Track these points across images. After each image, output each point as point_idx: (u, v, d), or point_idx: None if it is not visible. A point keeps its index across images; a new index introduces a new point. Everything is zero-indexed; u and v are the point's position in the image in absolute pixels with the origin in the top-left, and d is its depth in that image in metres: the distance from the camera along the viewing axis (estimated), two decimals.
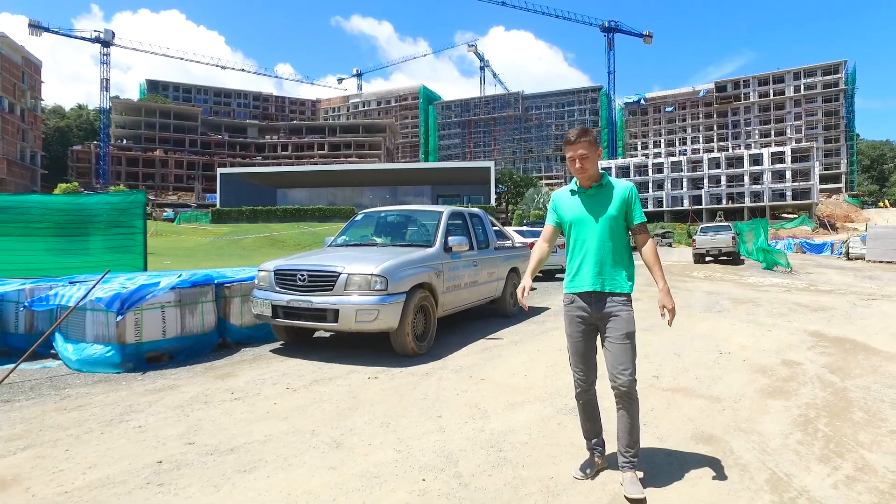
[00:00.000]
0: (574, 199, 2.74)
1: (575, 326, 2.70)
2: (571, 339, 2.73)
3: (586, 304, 2.65)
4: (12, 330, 5.38)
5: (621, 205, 2.65)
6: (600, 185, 2.69)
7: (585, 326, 2.68)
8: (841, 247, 28.11)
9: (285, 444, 3.07)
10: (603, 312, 2.62)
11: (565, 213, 2.75)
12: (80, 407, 3.74)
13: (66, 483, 2.57)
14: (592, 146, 2.64)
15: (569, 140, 2.66)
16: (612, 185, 2.70)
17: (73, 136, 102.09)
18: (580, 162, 2.62)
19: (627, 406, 2.60)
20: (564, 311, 2.76)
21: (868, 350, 5.73)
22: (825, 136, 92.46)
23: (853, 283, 13.63)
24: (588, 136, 2.64)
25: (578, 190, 2.73)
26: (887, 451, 3.03)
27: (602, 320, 2.64)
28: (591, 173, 2.66)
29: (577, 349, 2.72)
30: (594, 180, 2.69)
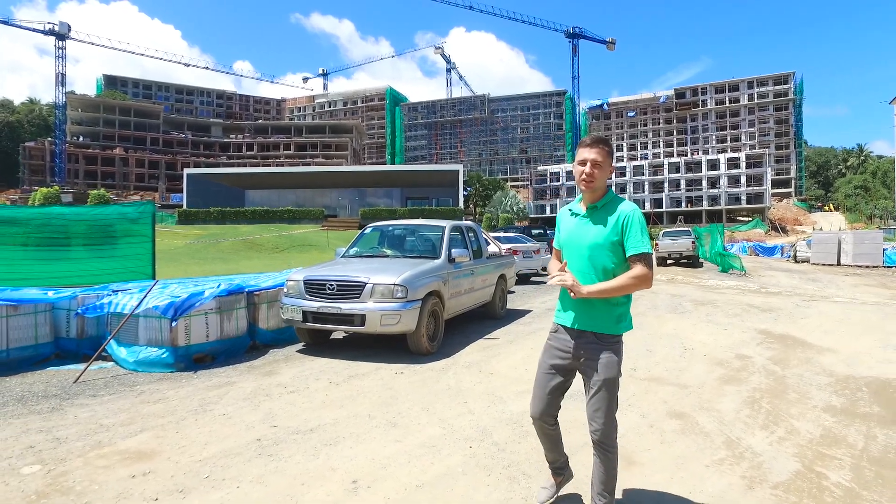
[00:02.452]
0: (571, 221, 2.52)
1: (549, 357, 2.51)
2: (540, 369, 2.54)
3: (568, 338, 2.46)
4: (64, 335, 5.93)
5: (613, 231, 2.35)
6: (595, 207, 2.43)
7: (560, 361, 2.47)
8: (790, 250, 30.23)
9: (352, 425, 3.85)
10: (583, 352, 2.41)
11: (560, 234, 2.56)
12: (161, 400, 4.42)
13: (195, 454, 3.29)
14: (609, 157, 2.39)
15: (584, 143, 2.42)
16: (612, 206, 2.41)
17: (24, 131, 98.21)
18: (591, 167, 2.35)
19: (602, 455, 2.42)
20: (548, 339, 2.58)
21: (805, 345, 6.83)
22: (776, 143, 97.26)
23: (798, 285, 15.09)
24: (607, 146, 2.40)
25: (577, 210, 2.51)
26: (809, 419, 4.03)
27: (581, 361, 2.43)
28: (597, 187, 2.39)
29: (542, 382, 2.52)
30: (595, 200, 2.43)
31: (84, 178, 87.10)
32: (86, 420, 3.92)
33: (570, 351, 2.45)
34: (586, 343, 2.41)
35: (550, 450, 2.70)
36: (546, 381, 2.52)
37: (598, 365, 2.38)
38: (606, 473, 2.42)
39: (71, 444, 3.46)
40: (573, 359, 2.46)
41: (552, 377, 2.50)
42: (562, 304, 2.53)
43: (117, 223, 8.98)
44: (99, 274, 8.14)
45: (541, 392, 2.53)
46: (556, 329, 2.55)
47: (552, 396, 2.51)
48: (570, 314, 2.46)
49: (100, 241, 8.82)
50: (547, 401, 2.51)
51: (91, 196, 51.98)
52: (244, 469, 3.09)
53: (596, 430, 2.40)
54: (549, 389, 2.50)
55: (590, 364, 2.41)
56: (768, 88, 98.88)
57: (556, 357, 2.50)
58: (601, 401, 2.39)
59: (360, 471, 3.09)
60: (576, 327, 2.43)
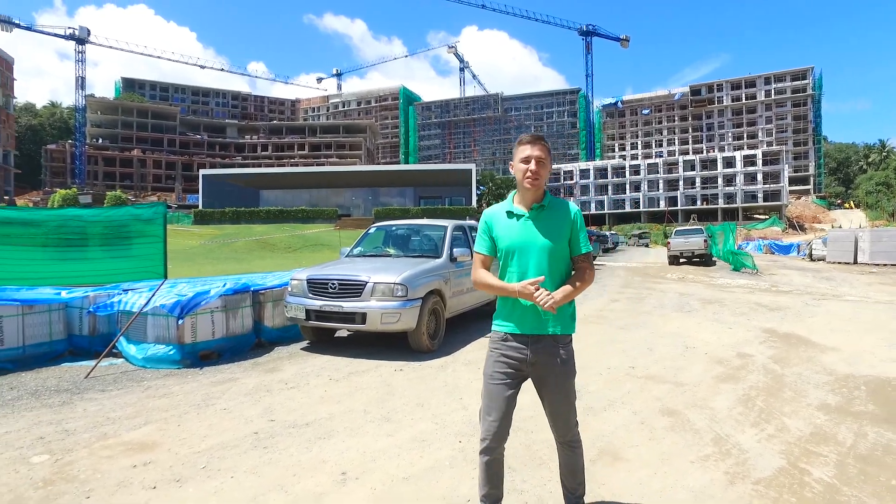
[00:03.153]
0: (512, 223, 2.34)
1: (500, 368, 2.31)
2: (491, 381, 2.32)
3: (521, 345, 2.29)
4: (77, 332, 6.14)
5: (566, 230, 2.32)
6: (541, 206, 2.33)
7: (513, 371, 2.30)
8: (806, 248, 29.84)
9: (347, 420, 3.96)
10: (540, 357, 2.28)
11: (501, 238, 2.35)
12: (167, 395, 4.57)
13: (194, 446, 3.43)
14: (548, 154, 2.34)
15: (524, 140, 2.32)
16: (557, 206, 2.37)
17: (46, 134, 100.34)
18: (536, 164, 2.27)
19: (571, 451, 2.43)
20: (490, 349, 2.38)
21: (808, 344, 6.81)
22: (794, 140, 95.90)
23: (811, 283, 14.92)
24: (546, 143, 2.34)
25: (518, 211, 2.35)
26: (802, 417, 4.05)
27: (538, 366, 2.30)
28: (541, 186, 2.32)
29: (495, 395, 2.30)
30: (538, 199, 2.34)
31: (103, 179, 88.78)
32: (94, 413, 4.08)
33: (524, 358, 2.29)
34: (544, 347, 2.29)
35: (498, 486, 2.37)
36: (501, 396, 2.29)
37: (559, 368, 2.30)
38: (577, 463, 2.46)
39: (78, 435, 3.61)
40: (527, 366, 2.30)
41: (506, 389, 2.30)
42: (507, 311, 2.34)
43: (131, 224, 9.17)
44: (114, 273, 8.34)
45: (498, 411, 2.28)
46: (504, 338, 2.33)
47: (508, 412, 2.30)
48: (522, 320, 2.30)
49: (115, 242, 9.03)
50: (503, 421, 2.28)
51: (108, 197, 53.03)
52: (240, 460, 3.21)
53: (563, 434, 2.38)
54: (506, 405, 2.29)
55: (549, 369, 2.30)
56: (786, 84, 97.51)
57: (508, 366, 2.30)
58: (566, 404, 2.34)
59: (349, 463, 3.19)
60: (532, 333, 2.29)
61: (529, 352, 2.28)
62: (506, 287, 2.28)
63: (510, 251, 2.32)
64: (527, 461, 3.24)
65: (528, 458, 3.28)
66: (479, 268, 2.41)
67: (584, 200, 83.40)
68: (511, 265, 2.32)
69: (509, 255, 2.33)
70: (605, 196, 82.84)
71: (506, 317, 2.35)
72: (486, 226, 2.41)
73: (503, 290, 2.29)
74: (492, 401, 2.30)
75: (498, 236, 2.37)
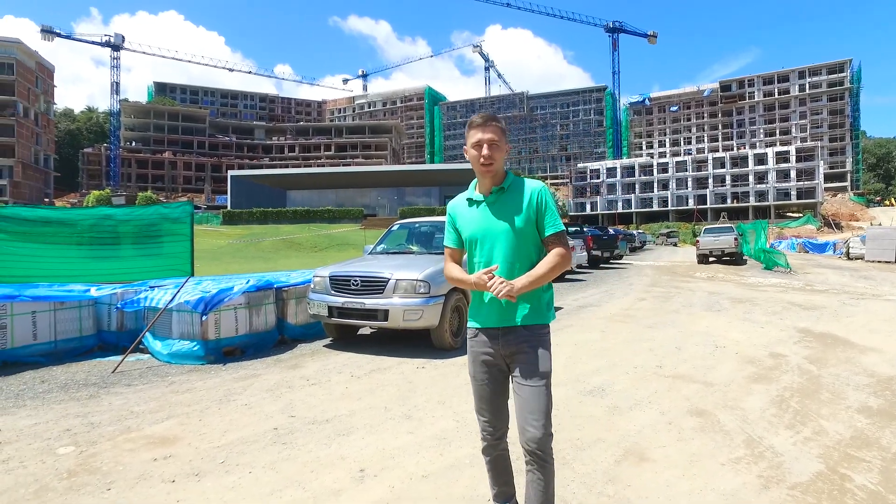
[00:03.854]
0: (472, 211, 2.20)
1: (479, 366, 2.18)
2: (476, 381, 2.21)
3: (491, 338, 2.14)
4: (105, 328, 6.26)
5: (529, 212, 2.12)
6: (501, 188, 2.17)
7: (492, 367, 2.16)
8: (842, 247, 28.83)
9: (367, 417, 3.92)
10: (512, 349, 2.11)
11: (464, 228, 2.22)
12: (189, 390, 4.61)
13: (214, 441, 3.43)
14: (502, 134, 2.17)
15: (474, 123, 2.17)
16: (519, 186, 2.19)
17: (83, 138, 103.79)
18: (488, 148, 2.10)
19: (538, 468, 2.07)
20: (468, 347, 2.24)
21: (846, 344, 6.53)
22: (830, 135, 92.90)
23: (848, 282, 14.38)
24: (498, 122, 2.17)
25: (477, 197, 2.21)
26: (840, 420, 3.86)
27: (510, 358, 2.13)
28: (497, 169, 2.15)
29: (482, 393, 2.20)
30: (497, 182, 2.18)
31: (136, 181, 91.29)
32: (119, 407, 4.13)
33: (495, 352, 2.14)
34: (514, 338, 2.11)
35: (507, 483, 2.33)
36: (487, 394, 2.19)
37: (530, 359, 2.09)
38: (545, 491, 2.08)
39: (103, 428, 3.66)
40: (502, 360, 2.15)
41: (491, 386, 2.18)
42: (476, 305, 2.20)
43: (159, 223, 9.37)
44: (143, 271, 8.52)
45: (489, 411, 2.20)
46: (475, 334, 2.20)
47: (500, 408, 2.20)
48: (491, 313, 2.14)
49: (144, 241, 9.22)
50: (497, 418, 2.20)
51: (139, 198, 54.49)
52: (258, 456, 3.20)
53: (531, 437, 2.04)
54: (496, 402, 2.19)
55: (519, 359, 2.11)
56: (821, 78, 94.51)
57: (484, 363, 2.17)
58: (536, 401, 2.05)
59: (368, 460, 3.15)
60: (502, 325, 2.12)
61: (501, 345, 2.13)
62: (465, 280, 2.14)
63: (472, 241, 2.19)
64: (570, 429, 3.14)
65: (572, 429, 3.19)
66: (448, 262, 2.28)
67: (610, 199, 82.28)
68: (475, 255, 2.18)
69: (472, 244, 2.19)
70: (633, 195, 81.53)
71: (475, 312, 2.22)
72: (450, 217, 2.30)
73: (463, 283, 2.16)
74: (481, 400, 2.23)
75: (461, 226, 2.24)
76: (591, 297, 11.22)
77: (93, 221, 8.82)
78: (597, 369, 5.29)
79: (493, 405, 2.20)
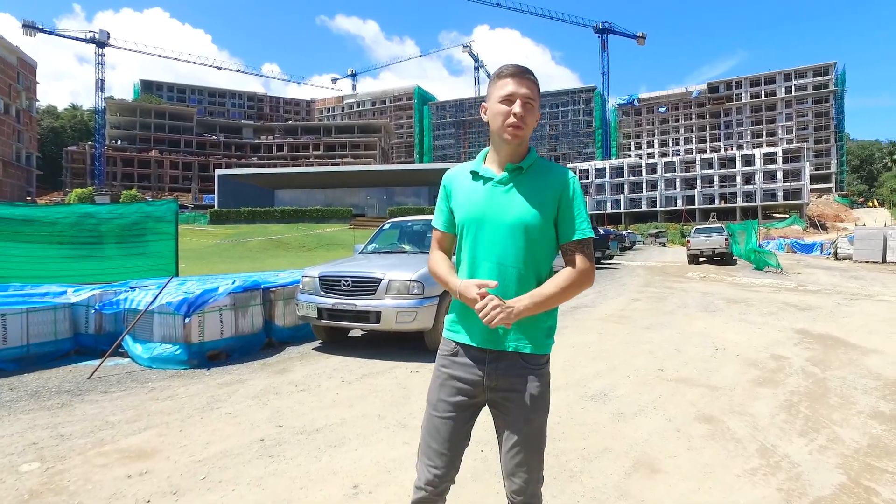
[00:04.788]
0: (475, 187, 1.66)
1: (447, 394, 1.65)
2: (436, 413, 1.65)
3: (476, 362, 1.63)
4: (83, 331, 5.96)
5: (552, 203, 1.62)
6: (519, 167, 1.63)
7: (465, 399, 1.64)
8: (830, 247, 29.01)
9: (360, 426, 3.70)
10: (502, 382, 1.62)
11: (459, 206, 1.67)
12: (171, 397, 4.35)
13: (195, 454, 3.18)
14: (538, 96, 1.65)
15: (505, 72, 1.62)
16: (543, 168, 1.66)
17: (67, 136, 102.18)
18: (522, 107, 1.58)
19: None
20: (437, 365, 1.70)
21: (847, 345, 6.41)
22: (815, 137, 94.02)
23: (839, 283, 14.38)
24: (535, 79, 1.65)
25: (485, 172, 1.66)
26: (854, 426, 3.70)
27: (498, 394, 1.63)
28: (524, 138, 1.62)
29: (440, 430, 1.63)
30: (517, 158, 1.64)
31: (121, 180, 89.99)
32: (92, 417, 3.87)
33: (479, 380, 1.62)
34: (507, 368, 1.62)
35: None
36: (448, 433, 1.63)
37: (524, 398, 1.61)
38: None
39: (74, 441, 3.39)
40: (485, 391, 1.64)
41: (456, 423, 1.64)
42: (460, 313, 1.67)
43: (144, 221, 9.07)
44: (126, 271, 8.23)
45: (441, 456, 1.62)
46: (453, 350, 1.67)
47: (457, 454, 1.66)
48: (478, 327, 1.61)
49: (128, 240, 8.94)
50: (448, 458, 1.63)
51: (123, 196, 53.70)
52: (243, 470, 2.96)
53: (520, 489, 1.63)
54: (455, 445, 1.64)
55: (511, 398, 1.62)
56: (807, 80, 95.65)
57: (459, 392, 1.64)
58: (530, 449, 1.62)
59: (362, 474, 2.93)
60: (491, 347, 1.62)
61: (486, 372, 1.62)
62: (449, 283, 1.63)
63: (466, 227, 1.64)
64: (556, 473, 2.95)
65: (557, 470, 2.99)
66: (435, 248, 1.75)
67: (599, 200, 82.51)
68: (467, 244, 1.65)
69: (465, 232, 1.65)
70: (622, 195, 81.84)
71: (456, 319, 1.67)
72: (445, 191, 1.74)
73: (448, 288, 1.65)
74: (434, 439, 1.64)
75: (456, 204, 1.69)
76: (585, 298, 11.06)
77: (74, 219, 8.51)
78: (597, 373, 5.11)
79: (450, 450, 1.63)
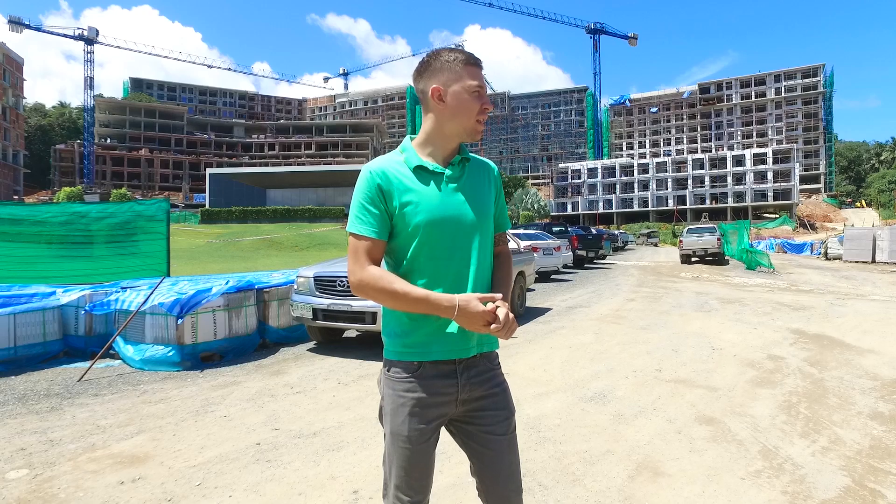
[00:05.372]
0: (426, 186, 1.44)
1: (419, 419, 1.44)
2: (410, 443, 1.44)
3: (447, 377, 1.46)
4: (72, 332, 5.85)
5: (493, 195, 1.57)
6: (465, 158, 1.52)
7: (438, 419, 1.47)
8: (820, 247, 29.27)
9: (358, 429, 3.63)
10: (475, 391, 1.49)
11: (413, 210, 1.41)
12: (163, 400, 4.27)
13: (190, 459, 3.11)
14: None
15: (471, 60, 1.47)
16: (478, 160, 1.59)
17: (55, 134, 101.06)
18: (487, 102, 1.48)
19: None
20: (395, 391, 1.47)
21: (843, 346, 6.42)
22: (805, 138, 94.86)
23: (831, 282, 14.47)
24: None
25: (432, 167, 1.45)
26: (855, 427, 3.68)
27: (470, 405, 1.50)
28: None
29: (416, 462, 1.46)
30: (458, 150, 1.52)
31: (111, 178, 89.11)
32: (83, 421, 3.78)
33: (452, 397, 1.47)
34: (478, 374, 1.49)
35: None
36: (425, 458, 1.47)
37: (499, 400, 1.51)
38: None
39: (64, 446, 3.31)
40: (457, 405, 1.49)
41: (430, 446, 1.48)
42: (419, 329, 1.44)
43: (134, 221, 8.92)
44: (117, 271, 8.08)
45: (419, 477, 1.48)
46: (415, 369, 1.45)
47: (432, 471, 1.52)
48: (445, 338, 1.44)
49: (118, 239, 8.78)
50: (427, 485, 1.51)
51: (113, 195, 53.23)
52: (239, 476, 2.89)
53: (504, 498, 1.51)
54: (430, 467, 1.50)
55: (487, 405, 1.50)
56: (796, 82, 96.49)
57: (431, 416, 1.45)
58: (512, 451, 1.51)
59: (362, 479, 2.87)
60: (462, 356, 1.47)
61: (458, 384, 1.46)
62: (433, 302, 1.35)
63: (423, 232, 1.40)
64: (559, 477, 2.90)
65: (559, 474, 2.94)
66: (366, 262, 1.40)
67: (591, 199, 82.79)
68: (423, 249, 1.42)
69: (426, 238, 1.41)
70: (613, 195, 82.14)
71: (410, 336, 1.45)
72: (377, 190, 1.41)
73: (427, 307, 1.36)
74: (410, 473, 1.46)
75: (406, 207, 1.41)
76: (580, 298, 11.05)
77: (64, 219, 8.35)
78: (595, 374, 5.08)
79: (428, 476, 1.51)
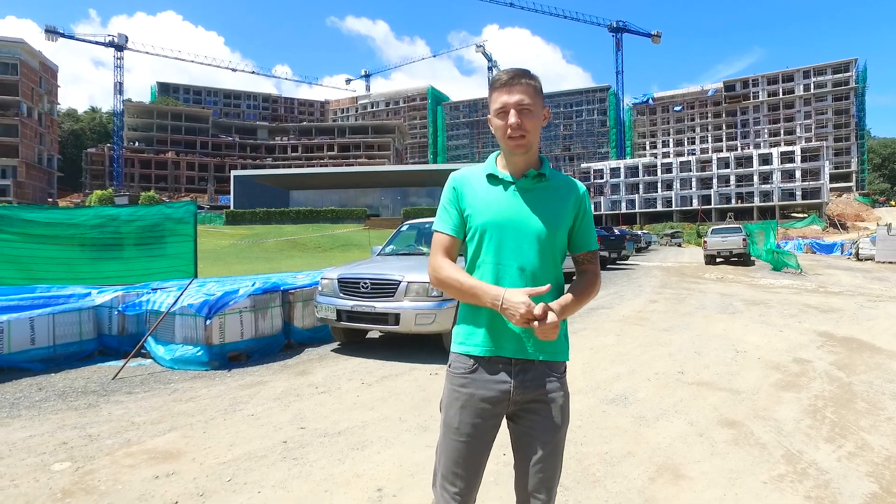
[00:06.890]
0: (495, 191, 1.57)
1: (471, 416, 1.53)
2: (458, 436, 1.53)
3: (502, 376, 1.53)
4: (106, 332, 6.07)
5: (572, 213, 1.61)
6: (541, 174, 1.58)
7: (489, 417, 1.54)
8: (851, 247, 28.51)
9: (382, 428, 3.71)
10: (530, 394, 1.54)
11: (477, 212, 1.56)
12: (193, 399, 4.41)
13: (220, 456, 3.22)
14: (536, 95, 1.54)
15: (498, 82, 1.53)
16: (560, 179, 1.64)
17: (86, 138, 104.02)
18: (517, 115, 1.50)
19: None
20: (452, 385, 1.58)
21: (873, 349, 6.30)
22: (835, 135, 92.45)
23: (862, 284, 14.12)
24: (531, 79, 1.54)
25: (504, 176, 1.58)
26: (884, 433, 3.63)
27: (524, 406, 1.56)
28: (530, 144, 1.54)
29: (465, 453, 1.53)
30: (532, 164, 1.60)
31: (139, 181, 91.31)
32: (119, 417, 3.93)
33: (505, 395, 1.53)
34: (534, 379, 1.54)
35: None
36: (475, 451, 1.54)
37: (552, 409, 1.55)
38: None
39: (102, 441, 3.46)
40: (510, 404, 1.55)
41: (484, 445, 1.56)
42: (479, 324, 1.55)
43: (163, 223, 9.18)
44: (147, 273, 8.31)
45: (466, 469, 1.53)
46: (471, 367, 1.55)
47: (481, 469, 1.58)
48: (504, 337, 1.53)
49: (148, 241, 9.02)
50: (474, 479, 1.56)
51: (142, 198, 54.58)
52: (267, 473, 2.99)
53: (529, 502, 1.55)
54: (479, 461, 1.56)
55: (539, 409, 1.55)
56: (827, 78, 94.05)
57: (484, 412, 1.53)
58: (552, 463, 1.55)
59: (386, 478, 2.94)
60: (521, 356, 1.53)
61: (512, 385, 1.53)
62: (480, 293, 1.47)
63: (486, 232, 1.55)
64: (580, 478, 2.94)
65: (580, 475, 2.98)
66: (439, 254, 1.58)
67: (614, 199, 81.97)
68: (486, 250, 1.55)
69: (484, 238, 1.55)
70: (636, 195, 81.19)
71: (470, 332, 1.57)
72: (454, 193, 1.60)
73: (475, 297, 1.48)
74: (458, 464, 1.53)
75: (472, 209, 1.57)
76: (602, 299, 10.99)
77: (97, 222, 8.64)
78: (617, 375, 5.08)
79: (476, 470, 1.55)
